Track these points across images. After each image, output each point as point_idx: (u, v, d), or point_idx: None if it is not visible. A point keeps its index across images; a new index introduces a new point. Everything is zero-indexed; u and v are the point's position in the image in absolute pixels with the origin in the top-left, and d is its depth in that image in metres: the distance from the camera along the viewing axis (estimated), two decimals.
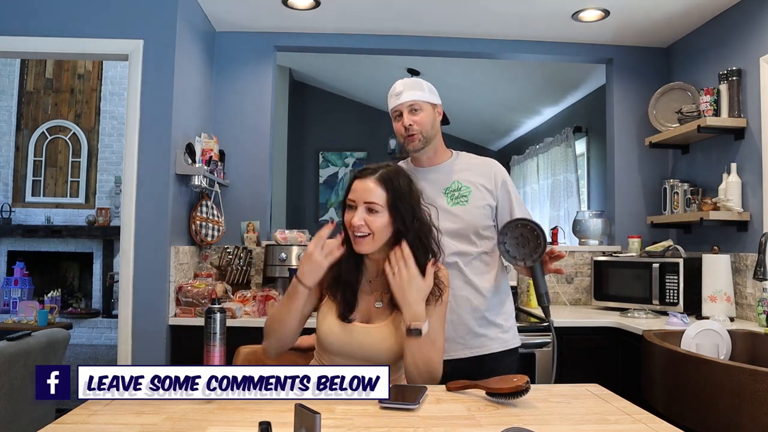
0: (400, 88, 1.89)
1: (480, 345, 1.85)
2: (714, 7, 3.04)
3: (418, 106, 1.86)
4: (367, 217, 1.45)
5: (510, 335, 1.91)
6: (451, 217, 1.84)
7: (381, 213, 1.45)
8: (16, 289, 6.48)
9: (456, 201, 1.87)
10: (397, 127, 1.90)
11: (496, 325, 1.87)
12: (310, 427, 0.97)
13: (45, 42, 2.80)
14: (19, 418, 2.37)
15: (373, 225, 1.45)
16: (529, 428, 1.07)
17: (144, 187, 2.76)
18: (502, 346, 1.87)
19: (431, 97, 1.90)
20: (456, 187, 1.89)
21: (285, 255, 3.15)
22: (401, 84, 1.90)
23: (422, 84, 1.91)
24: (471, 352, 1.84)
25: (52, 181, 6.89)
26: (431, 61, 5.13)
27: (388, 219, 1.46)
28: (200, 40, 3.21)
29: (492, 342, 1.86)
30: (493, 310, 1.87)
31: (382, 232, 1.46)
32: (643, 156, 3.57)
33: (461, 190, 1.88)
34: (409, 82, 1.90)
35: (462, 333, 1.84)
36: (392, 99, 1.91)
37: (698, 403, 1.87)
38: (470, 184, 1.88)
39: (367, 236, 1.46)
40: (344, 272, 1.53)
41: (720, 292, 2.72)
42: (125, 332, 2.71)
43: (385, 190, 1.46)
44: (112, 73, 6.92)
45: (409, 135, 1.86)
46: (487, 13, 3.21)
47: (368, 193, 1.45)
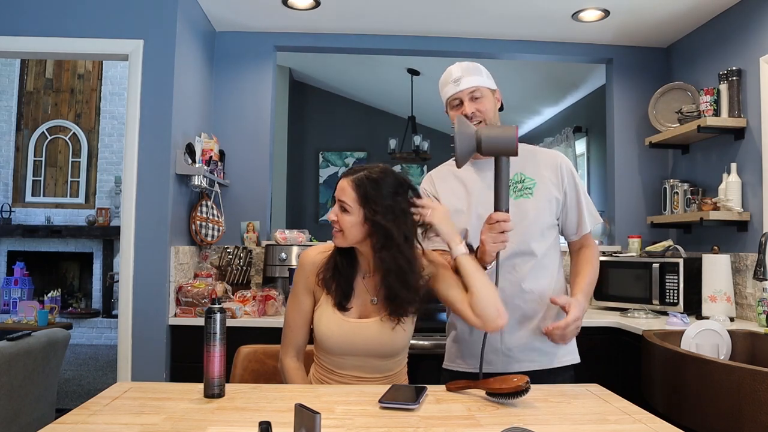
0: (458, 73, 1.69)
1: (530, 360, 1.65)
2: (714, 7, 3.04)
3: (480, 92, 1.68)
4: (339, 214, 1.52)
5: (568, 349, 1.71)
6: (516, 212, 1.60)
7: (351, 212, 1.50)
8: (16, 289, 6.48)
9: (521, 193, 1.68)
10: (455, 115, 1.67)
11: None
12: (310, 427, 0.97)
13: (45, 42, 2.80)
14: (19, 418, 2.37)
15: (343, 223, 1.51)
16: (529, 428, 1.08)
17: (144, 187, 2.76)
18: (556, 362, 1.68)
19: (490, 83, 1.72)
20: (519, 179, 1.70)
21: (285, 255, 3.15)
22: (458, 69, 1.70)
23: (480, 68, 1.73)
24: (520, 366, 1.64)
25: (52, 181, 6.89)
26: (431, 61, 5.13)
27: (359, 218, 1.50)
28: (200, 40, 3.21)
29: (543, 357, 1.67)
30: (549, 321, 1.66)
31: (351, 230, 1.51)
32: (643, 156, 3.57)
33: (525, 182, 1.70)
34: (467, 67, 1.71)
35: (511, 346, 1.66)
36: (449, 86, 1.71)
37: (698, 403, 1.87)
38: (535, 176, 1.70)
39: (339, 231, 1.53)
40: (339, 265, 1.57)
41: (720, 292, 2.72)
42: (125, 332, 2.71)
43: (356, 191, 1.50)
44: (112, 73, 6.93)
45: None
46: (487, 13, 3.21)
47: (341, 192, 1.52)
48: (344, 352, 1.54)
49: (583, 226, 1.75)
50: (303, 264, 1.63)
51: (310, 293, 1.61)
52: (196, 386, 1.37)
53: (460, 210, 1.71)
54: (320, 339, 1.56)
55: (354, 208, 1.50)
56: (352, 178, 1.52)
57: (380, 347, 1.53)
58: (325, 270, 1.58)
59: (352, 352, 1.53)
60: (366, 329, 1.53)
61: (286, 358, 1.63)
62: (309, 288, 1.61)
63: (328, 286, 1.57)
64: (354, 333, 1.53)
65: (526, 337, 1.67)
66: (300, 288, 1.62)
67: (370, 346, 1.52)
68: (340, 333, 1.53)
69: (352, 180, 1.52)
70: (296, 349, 1.63)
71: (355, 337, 1.52)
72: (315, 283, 1.60)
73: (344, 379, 1.56)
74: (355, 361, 1.54)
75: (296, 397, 1.34)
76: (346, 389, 1.46)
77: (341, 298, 1.56)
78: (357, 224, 1.50)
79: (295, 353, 1.63)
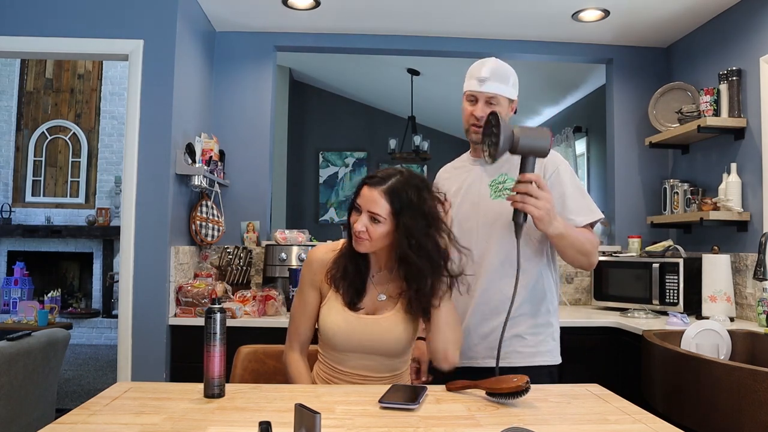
0: (486, 74, 1.73)
1: (503, 356, 1.61)
2: (714, 7, 3.04)
3: (497, 100, 1.73)
4: (369, 225, 1.48)
5: (536, 349, 1.71)
6: (490, 211, 1.71)
7: (383, 223, 1.47)
8: (16, 289, 6.48)
9: (500, 194, 1.72)
10: (467, 110, 1.76)
11: (519, 337, 1.69)
12: (310, 427, 0.97)
13: (45, 42, 2.80)
14: (19, 418, 2.37)
15: (374, 233, 1.48)
16: (529, 428, 1.07)
17: (144, 187, 2.76)
18: (526, 361, 1.69)
19: (512, 92, 1.77)
20: (501, 180, 1.74)
21: (285, 255, 3.15)
22: (488, 70, 1.73)
23: (509, 76, 1.76)
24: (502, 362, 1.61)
25: (52, 181, 6.89)
26: (431, 61, 5.14)
27: (389, 228, 1.48)
28: (200, 40, 3.21)
29: (515, 355, 1.68)
30: (519, 319, 1.68)
31: (380, 239, 1.49)
32: (643, 156, 3.57)
33: (506, 183, 1.73)
34: (497, 70, 1.74)
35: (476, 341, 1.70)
36: (473, 81, 1.75)
37: (698, 403, 1.87)
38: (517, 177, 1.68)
39: (366, 240, 1.49)
40: (351, 265, 1.55)
41: (720, 292, 2.72)
42: (125, 332, 2.71)
43: (390, 203, 1.47)
44: (112, 73, 6.92)
45: (475, 125, 1.74)
46: (487, 13, 3.21)
47: (373, 204, 1.47)
48: (350, 348, 1.53)
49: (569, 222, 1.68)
50: (311, 261, 1.62)
51: (316, 289, 1.61)
52: (196, 386, 1.37)
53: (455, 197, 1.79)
54: (326, 335, 1.55)
55: (387, 220, 1.47)
56: (383, 189, 1.47)
57: (387, 344, 1.52)
58: (335, 269, 1.57)
59: (358, 349, 1.53)
60: (374, 326, 1.52)
61: (291, 353, 1.62)
62: (316, 284, 1.60)
63: (337, 285, 1.56)
64: (361, 329, 1.52)
65: (496, 329, 1.64)
66: (306, 284, 1.61)
67: (376, 343, 1.52)
68: (347, 329, 1.52)
69: (383, 191, 1.47)
70: (301, 344, 1.63)
71: (362, 333, 1.52)
72: (322, 281, 1.59)
73: (349, 377, 1.55)
74: (361, 359, 1.54)
75: (296, 397, 1.34)
76: (346, 389, 1.46)
77: (353, 296, 1.55)
78: (387, 233, 1.48)
79: (299, 348, 1.63)
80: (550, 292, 1.75)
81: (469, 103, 1.76)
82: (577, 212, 1.69)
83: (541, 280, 1.73)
